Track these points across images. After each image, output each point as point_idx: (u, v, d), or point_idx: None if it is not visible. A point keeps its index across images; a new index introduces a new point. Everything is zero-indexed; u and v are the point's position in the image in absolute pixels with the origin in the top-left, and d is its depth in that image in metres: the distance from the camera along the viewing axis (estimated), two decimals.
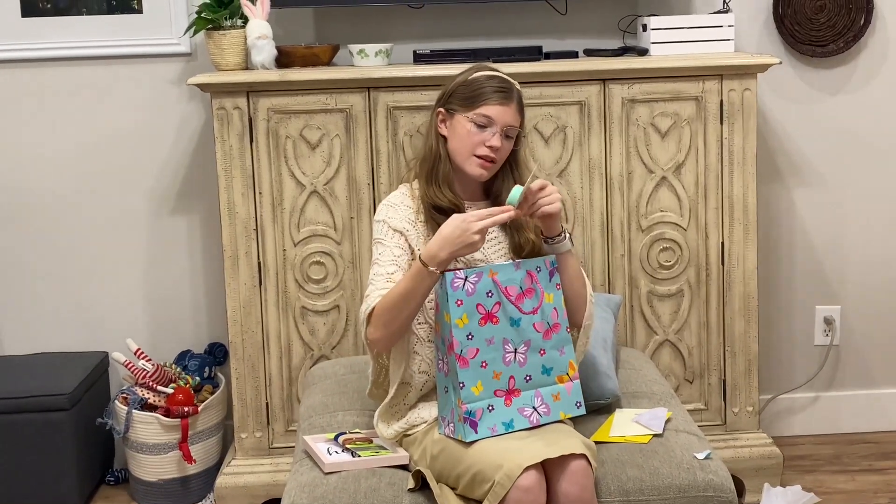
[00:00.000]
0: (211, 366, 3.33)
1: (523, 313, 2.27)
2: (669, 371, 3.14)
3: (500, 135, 2.34)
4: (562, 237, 2.35)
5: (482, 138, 2.34)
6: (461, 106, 2.36)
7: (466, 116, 2.34)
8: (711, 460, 2.37)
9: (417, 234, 2.38)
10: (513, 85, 2.38)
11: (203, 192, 3.33)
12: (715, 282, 3.11)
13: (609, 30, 3.32)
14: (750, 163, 3.06)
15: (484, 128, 2.34)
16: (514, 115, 2.36)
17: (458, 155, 2.37)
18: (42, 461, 3.09)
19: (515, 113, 2.37)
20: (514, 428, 2.23)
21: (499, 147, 2.34)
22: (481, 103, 2.34)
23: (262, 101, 2.97)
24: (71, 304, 3.40)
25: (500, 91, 2.35)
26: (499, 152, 2.35)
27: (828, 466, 3.36)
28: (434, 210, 2.36)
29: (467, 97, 2.36)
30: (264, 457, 3.11)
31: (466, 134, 2.35)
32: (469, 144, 2.35)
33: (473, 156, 2.35)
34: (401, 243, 2.37)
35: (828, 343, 3.53)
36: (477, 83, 2.36)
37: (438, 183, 2.38)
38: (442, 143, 2.40)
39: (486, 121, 2.34)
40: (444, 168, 2.39)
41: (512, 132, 2.36)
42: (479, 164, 2.35)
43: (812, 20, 3.35)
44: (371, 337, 2.33)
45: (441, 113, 2.40)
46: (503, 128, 2.34)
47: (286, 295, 3.05)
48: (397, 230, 2.38)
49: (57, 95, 3.31)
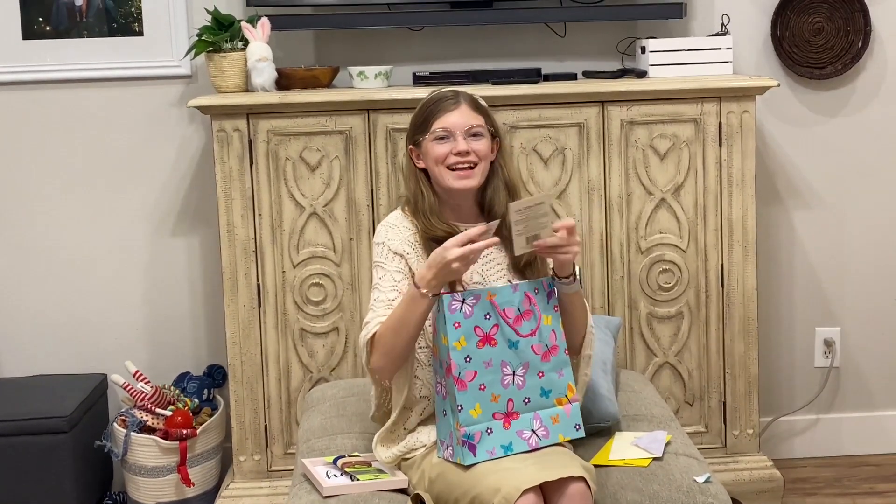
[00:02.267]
0: (210, 388, 3.32)
1: (521, 336, 2.27)
2: (669, 393, 3.13)
3: (463, 139, 2.36)
4: (570, 279, 2.34)
5: (448, 149, 2.36)
6: (420, 132, 2.39)
7: (428, 139, 2.37)
8: (711, 483, 2.35)
9: (417, 256, 2.38)
10: (458, 92, 2.42)
11: (203, 214, 3.33)
12: (714, 304, 3.10)
13: (608, 52, 3.33)
14: (749, 184, 3.07)
15: (445, 139, 2.36)
16: (469, 115, 2.38)
17: (438, 176, 2.39)
18: (40, 483, 3.08)
19: (471, 112, 2.39)
20: (512, 451, 2.23)
21: (466, 150, 2.35)
22: (434, 119, 2.38)
23: (261, 123, 2.98)
24: (70, 325, 3.39)
25: (444, 100, 2.39)
26: (473, 155, 2.36)
27: (828, 489, 3.34)
28: (431, 241, 2.37)
29: (421, 122, 2.40)
30: (263, 479, 3.10)
31: (433, 153, 2.37)
32: (439, 158, 2.37)
33: (449, 169, 2.36)
34: (401, 266, 2.37)
35: (828, 365, 3.52)
36: (425, 105, 2.42)
37: (427, 216, 2.39)
38: (422, 177, 2.42)
39: (444, 132, 2.36)
40: (429, 201, 2.40)
41: (476, 131, 2.38)
42: (458, 176, 2.36)
43: (810, 42, 3.37)
44: (373, 365, 2.33)
45: (411, 149, 2.43)
46: (464, 130, 2.36)
47: (285, 317, 3.05)
48: (397, 253, 2.38)
49: (57, 118, 3.32)
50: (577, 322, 2.38)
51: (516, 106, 3.00)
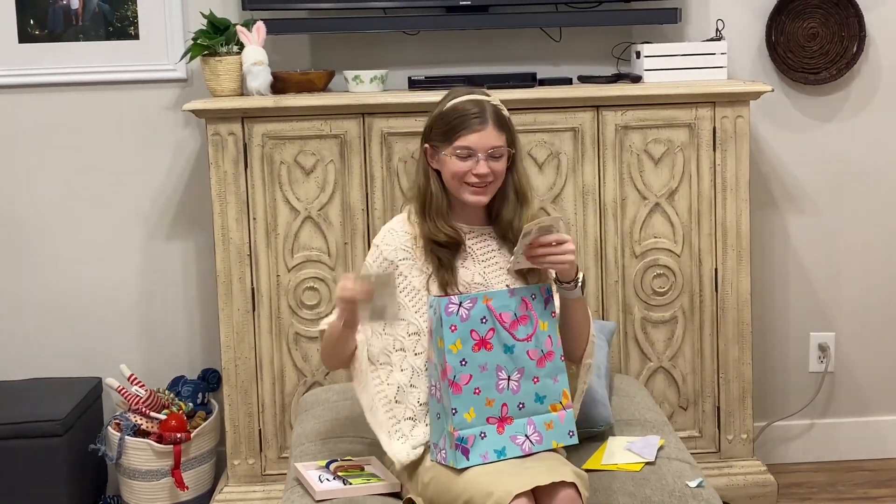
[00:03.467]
0: (204, 392, 3.32)
1: (517, 340, 2.27)
2: (663, 398, 3.13)
3: (484, 161, 2.34)
4: (571, 284, 2.32)
5: (468, 167, 2.34)
6: (441, 141, 2.36)
7: (448, 151, 2.35)
8: (703, 488, 2.36)
9: (413, 261, 2.39)
10: (485, 106, 2.35)
11: (197, 218, 3.33)
12: (709, 308, 3.11)
13: (603, 57, 3.33)
14: (743, 189, 3.07)
15: (467, 158, 2.34)
16: (494, 136, 2.34)
17: (452, 187, 2.38)
18: (34, 487, 3.07)
19: (495, 133, 2.34)
20: (506, 455, 2.22)
21: (486, 172, 2.34)
22: (457, 135, 2.33)
23: (257, 127, 2.98)
24: (64, 329, 3.39)
25: (474, 117, 2.34)
26: (490, 175, 2.35)
27: (823, 494, 3.34)
28: (433, 243, 2.37)
29: (444, 131, 2.36)
30: (257, 483, 3.09)
31: (453, 167, 2.35)
32: (458, 175, 2.35)
33: (465, 184, 2.35)
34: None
35: (822, 370, 3.52)
36: (450, 115, 2.36)
37: (433, 217, 2.38)
38: (435, 176, 2.40)
39: (466, 151, 2.33)
40: (438, 202, 2.39)
41: (498, 152, 2.35)
42: (473, 192, 2.36)
43: (805, 48, 3.37)
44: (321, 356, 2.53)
45: (427, 149, 2.41)
46: (486, 152, 2.34)
47: (279, 321, 3.05)
48: (388, 259, 2.39)
49: (53, 121, 3.31)
50: (578, 329, 2.37)
51: (511, 110, 2.93)
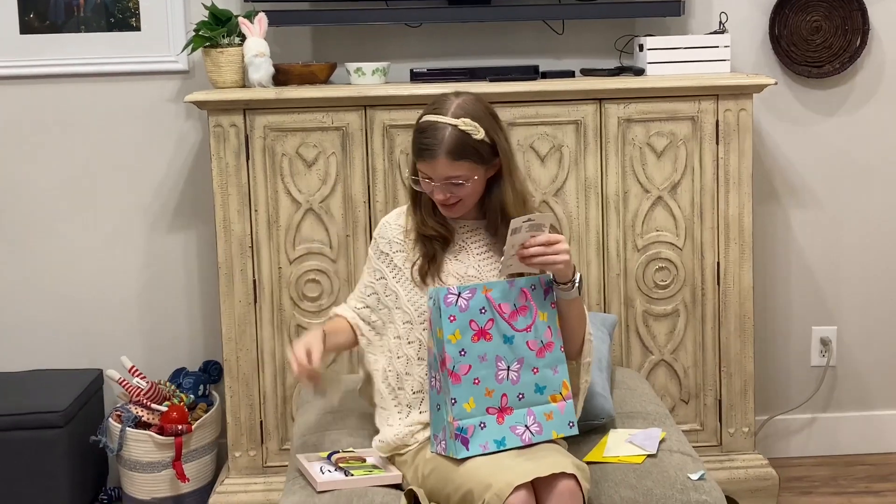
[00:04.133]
0: (205, 384, 3.32)
1: (516, 331, 2.27)
2: (665, 391, 3.13)
3: (441, 187, 2.31)
4: (568, 286, 2.30)
5: (429, 189, 2.34)
6: (412, 154, 2.36)
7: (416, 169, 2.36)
8: (705, 481, 2.35)
9: (406, 253, 2.41)
10: (440, 137, 2.27)
11: (199, 210, 3.33)
12: (711, 302, 3.10)
13: (606, 49, 3.33)
14: (746, 183, 3.06)
15: (429, 180, 2.32)
16: (446, 167, 2.28)
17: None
18: (35, 479, 3.07)
19: (448, 164, 2.28)
20: (505, 446, 2.22)
21: (444, 198, 2.32)
22: (417, 159, 2.33)
23: (258, 119, 2.97)
24: (66, 320, 3.39)
25: (425, 149, 2.29)
26: (451, 199, 2.32)
27: (824, 488, 3.34)
28: (423, 236, 2.38)
29: (412, 149, 2.35)
30: (258, 475, 3.09)
31: (421, 183, 2.35)
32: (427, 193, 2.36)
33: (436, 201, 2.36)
34: (381, 265, 2.43)
35: (824, 364, 3.52)
36: (414, 134, 2.34)
37: (422, 213, 2.39)
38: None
39: (424, 175, 2.33)
40: (426, 199, 2.40)
41: (456, 182, 2.30)
42: (443, 208, 2.36)
43: (808, 41, 3.36)
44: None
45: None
46: (442, 181, 2.31)
47: (281, 313, 3.04)
48: (384, 251, 2.44)
49: (54, 112, 3.31)
50: (573, 328, 2.36)
51: (514, 103, 3.00)
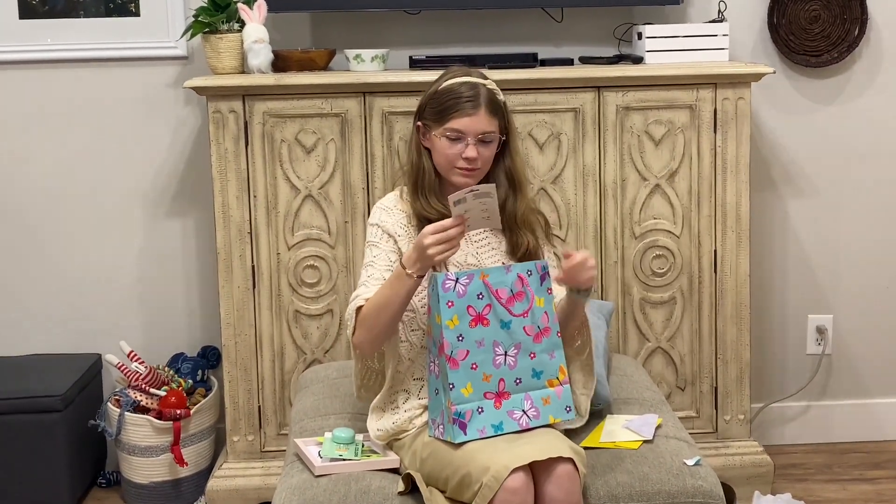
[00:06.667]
0: (204, 369, 3.33)
1: (513, 316, 2.28)
2: (661, 378, 3.14)
3: (474, 145, 2.34)
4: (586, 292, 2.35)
5: (457, 150, 2.34)
6: (433, 121, 2.37)
7: (438, 132, 2.36)
8: (701, 467, 2.37)
9: (409, 238, 2.40)
10: (480, 90, 2.35)
11: (198, 195, 3.34)
12: (707, 289, 3.11)
13: (604, 38, 3.33)
14: (743, 171, 3.07)
15: (457, 140, 2.34)
16: (485, 121, 2.34)
17: (441, 167, 2.40)
18: (34, 463, 3.09)
19: (487, 118, 2.34)
20: (503, 430, 2.24)
21: (475, 157, 2.34)
22: (449, 117, 2.34)
23: (257, 105, 2.98)
24: (64, 305, 3.40)
25: (467, 101, 2.33)
26: (478, 160, 2.35)
27: (819, 475, 3.36)
28: (424, 221, 2.37)
29: (437, 111, 2.36)
30: (256, 460, 3.11)
31: (442, 148, 2.36)
32: (447, 158, 2.36)
33: (454, 167, 2.36)
34: (394, 248, 2.39)
35: (820, 352, 3.54)
36: (444, 96, 2.36)
37: (425, 194, 2.40)
38: (426, 154, 2.41)
39: (456, 134, 2.34)
40: (430, 179, 2.40)
41: (488, 137, 2.35)
42: (461, 174, 2.37)
43: (807, 30, 3.37)
44: (356, 340, 2.36)
45: (420, 126, 2.42)
46: (476, 136, 2.34)
47: (279, 298, 3.05)
48: (391, 235, 2.40)
49: (53, 98, 3.32)
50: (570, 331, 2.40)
51: (512, 90, 2.99)
